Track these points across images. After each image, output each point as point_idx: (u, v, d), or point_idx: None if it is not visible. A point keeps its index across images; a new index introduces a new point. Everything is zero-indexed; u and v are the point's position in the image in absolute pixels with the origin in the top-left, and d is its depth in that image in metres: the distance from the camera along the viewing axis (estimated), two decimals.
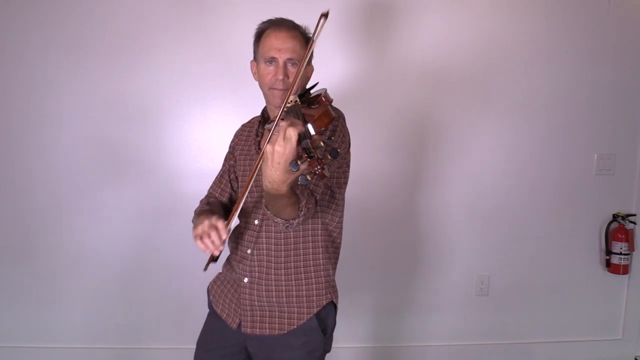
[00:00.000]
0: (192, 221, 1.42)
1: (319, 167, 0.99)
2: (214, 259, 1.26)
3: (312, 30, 1.36)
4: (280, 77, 1.33)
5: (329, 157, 1.00)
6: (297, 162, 0.98)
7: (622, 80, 2.53)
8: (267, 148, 1.01)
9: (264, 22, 1.40)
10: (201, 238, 1.21)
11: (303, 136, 1.00)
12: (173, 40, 2.34)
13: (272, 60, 1.35)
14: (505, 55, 2.46)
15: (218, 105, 2.40)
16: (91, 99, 2.36)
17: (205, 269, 1.28)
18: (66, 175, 2.39)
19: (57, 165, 2.39)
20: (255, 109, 1.56)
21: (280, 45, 1.33)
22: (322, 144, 1.01)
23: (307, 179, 1.00)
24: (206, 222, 1.22)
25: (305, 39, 1.38)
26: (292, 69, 1.34)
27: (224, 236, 1.19)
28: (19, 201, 2.41)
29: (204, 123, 2.41)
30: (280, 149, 1.00)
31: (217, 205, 1.53)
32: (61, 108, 2.36)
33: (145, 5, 2.32)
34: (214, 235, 1.19)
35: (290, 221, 1.20)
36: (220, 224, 1.20)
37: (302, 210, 1.19)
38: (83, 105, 2.36)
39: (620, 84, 2.53)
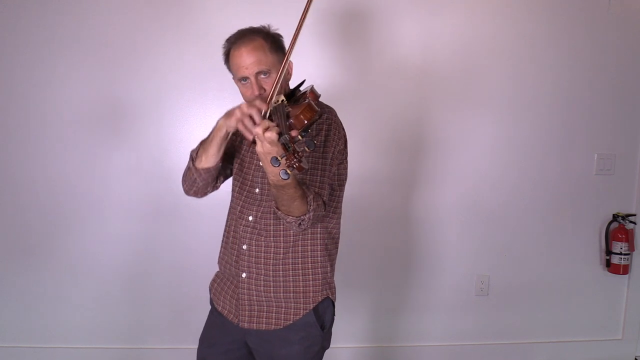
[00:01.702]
0: (194, 150, 1.45)
1: (295, 160, 1.04)
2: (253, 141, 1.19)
3: (274, 27, 1.38)
4: (257, 92, 1.33)
5: (307, 149, 1.05)
6: (277, 158, 1.05)
7: (622, 81, 2.53)
8: (258, 151, 1.11)
9: (226, 41, 1.40)
10: (241, 121, 1.18)
11: (282, 132, 1.06)
12: (173, 40, 2.35)
13: (244, 78, 1.36)
14: (506, 55, 2.46)
15: (218, 105, 2.39)
16: (91, 99, 2.36)
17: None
18: (66, 175, 2.40)
19: (57, 166, 2.39)
20: None
21: (245, 63, 1.33)
22: (300, 137, 1.07)
23: (288, 173, 1.05)
24: (243, 105, 1.21)
25: (271, 39, 1.37)
26: (265, 79, 1.34)
27: (264, 109, 1.18)
28: (20, 201, 2.41)
29: (204, 123, 2.41)
30: (267, 149, 1.08)
31: None
32: (61, 108, 2.36)
33: (145, 5, 2.32)
34: (254, 113, 1.17)
35: (302, 217, 1.23)
36: (258, 101, 1.21)
37: (311, 205, 1.22)
38: (83, 105, 2.36)
39: (620, 84, 2.53)
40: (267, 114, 1.17)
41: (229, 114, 1.27)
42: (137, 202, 2.42)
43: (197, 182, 1.44)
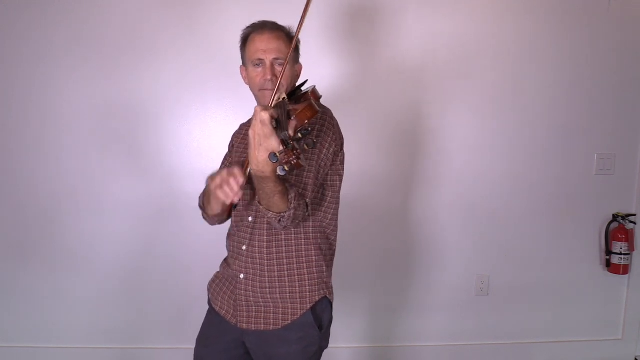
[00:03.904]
0: (200, 200, 1.53)
1: (294, 156, 1.04)
2: (233, 206, 1.36)
3: (295, 31, 1.38)
4: (269, 77, 1.36)
5: (305, 146, 1.07)
6: (276, 154, 1.05)
7: (622, 81, 2.53)
8: (250, 132, 1.10)
9: (247, 27, 1.43)
10: (221, 187, 1.23)
11: (282, 129, 1.06)
12: (173, 40, 2.35)
13: (259, 62, 1.38)
14: (505, 55, 2.46)
15: (218, 105, 2.40)
16: (91, 99, 2.36)
17: (230, 215, 1.45)
18: (66, 175, 2.40)
19: (57, 165, 2.39)
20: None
21: (265, 47, 1.37)
22: (299, 134, 1.07)
23: (285, 169, 1.05)
24: (224, 172, 1.25)
25: (289, 39, 1.41)
26: (279, 68, 1.37)
27: (242, 180, 1.22)
28: (20, 200, 2.41)
29: (204, 123, 2.42)
30: (258, 130, 1.07)
31: None
32: (61, 108, 2.36)
33: (145, 6, 2.33)
34: (232, 181, 1.22)
35: (282, 214, 1.23)
36: (237, 170, 1.24)
37: (291, 203, 1.22)
38: (83, 105, 2.36)
39: (620, 84, 2.53)
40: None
41: (212, 179, 1.30)
42: (137, 202, 2.42)
43: (215, 222, 1.53)
